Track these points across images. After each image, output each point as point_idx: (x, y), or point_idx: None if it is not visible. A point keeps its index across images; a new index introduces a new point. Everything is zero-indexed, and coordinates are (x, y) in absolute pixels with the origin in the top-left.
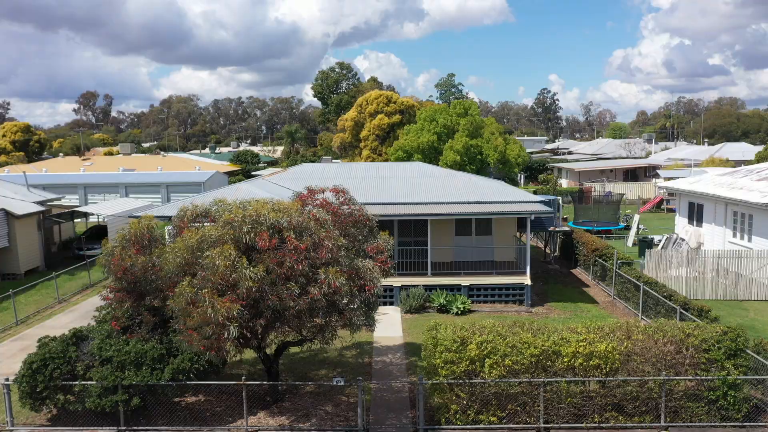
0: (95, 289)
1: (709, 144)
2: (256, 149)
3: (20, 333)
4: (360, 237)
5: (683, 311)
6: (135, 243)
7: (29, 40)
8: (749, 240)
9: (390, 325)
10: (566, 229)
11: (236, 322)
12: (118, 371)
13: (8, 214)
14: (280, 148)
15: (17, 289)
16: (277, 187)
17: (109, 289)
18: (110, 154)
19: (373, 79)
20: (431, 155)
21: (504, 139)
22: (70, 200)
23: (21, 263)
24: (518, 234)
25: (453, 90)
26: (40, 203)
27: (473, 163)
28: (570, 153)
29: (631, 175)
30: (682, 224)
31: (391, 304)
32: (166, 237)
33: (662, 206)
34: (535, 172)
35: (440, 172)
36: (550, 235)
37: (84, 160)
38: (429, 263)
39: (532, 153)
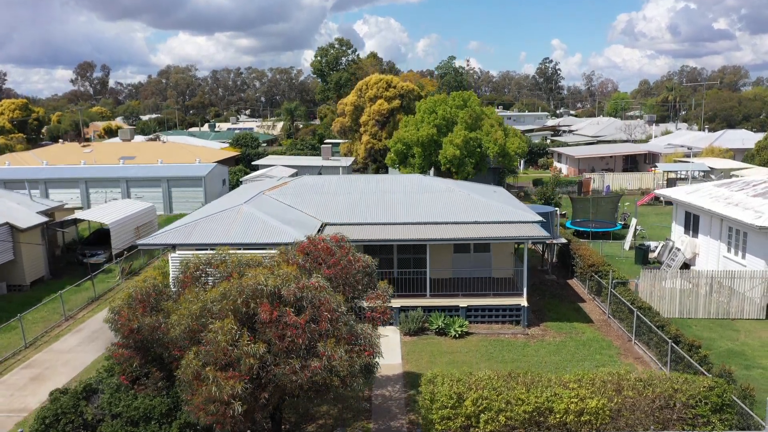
0: (100, 304)
1: (709, 129)
2: (255, 125)
3: (29, 359)
4: (360, 287)
5: (674, 344)
6: (141, 302)
7: (23, 4)
8: (743, 257)
9: (389, 350)
10: (563, 241)
11: (240, 400)
12: (128, 426)
13: (13, 228)
14: (279, 124)
15: (23, 301)
16: (278, 203)
17: (117, 346)
18: (109, 128)
19: (373, 55)
20: (431, 148)
21: (504, 131)
22: (72, 196)
23: (27, 275)
24: (516, 245)
25: (453, 72)
26: (44, 213)
27: (473, 156)
28: (571, 132)
29: (631, 161)
30: (678, 232)
31: (390, 324)
32: (170, 269)
33: (660, 198)
34: (535, 156)
35: (439, 186)
36: (548, 244)
37: (84, 146)
38: (428, 285)
39: (532, 131)
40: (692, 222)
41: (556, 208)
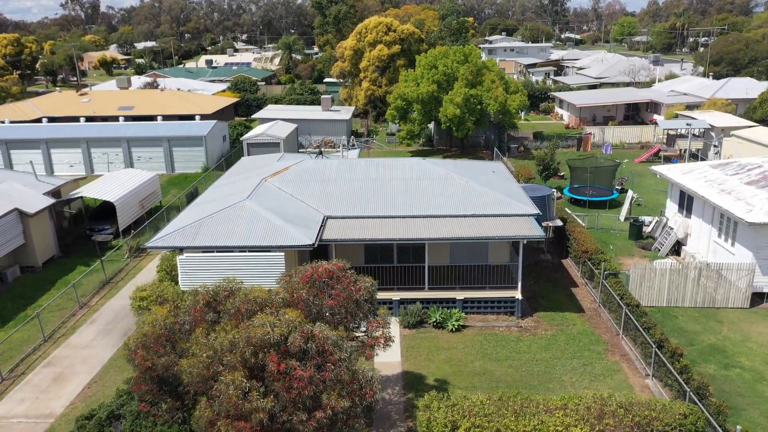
0: (111, 289)
1: (714, 75)
2: (252, 58)
3: (50, 355)
4: (360, 314)
5: (658, 350)
6: (155, 341)
7: None
8: (732, 245)
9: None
10: (559, 223)
11: None
12: None
13: (22, 214)
14: (277, 59)
15: (37, 285)
16: (280, 193)
17: (135, 379)
18: (104, 60)
19: None
20: (431, 105)
21: (505, 84)
22: (73, 157)
23: (38, 256)
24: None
25: (455, 15)
26: (50, 193)
27: (473, 114)
28: (574, 68)
29: (633, 108)
30: (672, 210)
31: (391, 314)
32: (179, 272)
33: (659, 155)
34: (536, 101)
35: (438, 174)
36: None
37: (81, 95)
38: (426, 278)
39: (535, 65)
40: (686, 202)
41: (553, 190)
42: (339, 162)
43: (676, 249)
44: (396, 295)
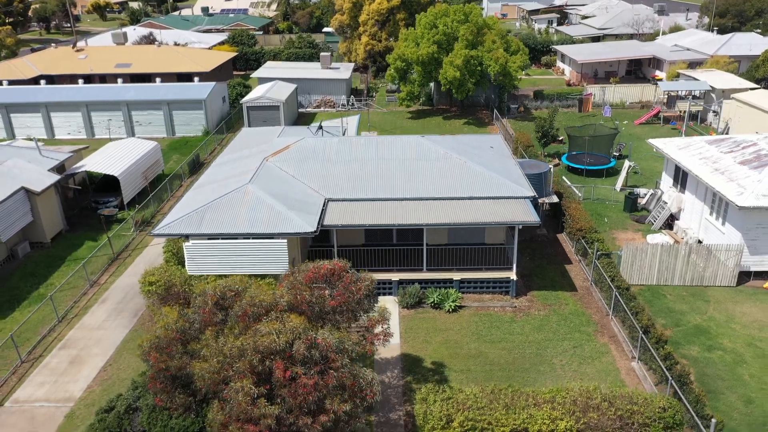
0: (119, 266)
1: (719, 30)
2: (248, 3)
3: (64, 337)
4: (360, 311)
5: (644, 335)
6: (168, 344)
7: None
8: (723, 224)
9: None
10: (555, 199)
11: None
12: None
13: (29, 192)
14: (275, 4)
15: (48, 261)
16: (282, 174)
17: (150, 378)
18: (98, 5)
19: None
20: (431, 66)
21: (506, 43)
22: (74, 121)
23: (46, 232)
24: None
25: None
26: (55, 168)
27: (473, 75)
28: (577, 14)
29: (636, 63)
30: (667, 183)
31: (390, 294)
32: (186, 258)
33: (659, 116)
34: (538, 54)
35: (437, 154)
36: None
37: (77, 51)
38: (425, 260)
39: (538, 11)
40: (681, 177)
41: (550, 166)
42: (339, 140)
43: (669, 223)
44: (395, 276)
